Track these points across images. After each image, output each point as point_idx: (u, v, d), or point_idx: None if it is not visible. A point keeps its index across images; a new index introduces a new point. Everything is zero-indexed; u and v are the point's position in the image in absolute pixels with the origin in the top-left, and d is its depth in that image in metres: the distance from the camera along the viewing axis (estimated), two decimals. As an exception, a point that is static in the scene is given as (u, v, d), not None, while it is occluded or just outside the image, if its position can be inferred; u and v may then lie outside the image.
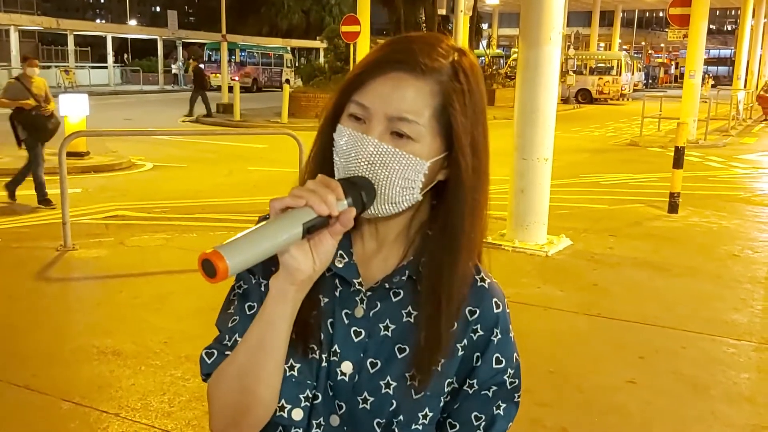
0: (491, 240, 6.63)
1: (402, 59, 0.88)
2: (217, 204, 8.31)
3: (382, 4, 28.56)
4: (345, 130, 0.89)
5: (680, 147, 8.07)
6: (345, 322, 0.94)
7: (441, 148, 0.90)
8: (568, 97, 29.31)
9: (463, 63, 0.91)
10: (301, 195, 0.81)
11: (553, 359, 4.16)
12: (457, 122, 0.89)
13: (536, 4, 6.32)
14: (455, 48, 0.92)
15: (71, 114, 10.58)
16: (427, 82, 0.87)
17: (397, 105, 0.87)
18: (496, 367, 0.96)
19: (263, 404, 0.90)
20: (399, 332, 0.94)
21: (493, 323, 0.96)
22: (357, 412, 0.94)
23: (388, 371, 0.93)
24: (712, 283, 5.73)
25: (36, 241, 6.48)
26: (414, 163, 0.88)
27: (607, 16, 47.50)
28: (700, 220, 8.01)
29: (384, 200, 0.89)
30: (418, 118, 0.87)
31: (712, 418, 3.53)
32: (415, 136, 0.87)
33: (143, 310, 4.83)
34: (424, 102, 0.87)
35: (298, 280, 0.84)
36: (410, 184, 0.89)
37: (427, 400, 0.94)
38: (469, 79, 0.91)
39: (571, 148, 13.93)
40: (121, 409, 3.42)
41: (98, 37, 39.88)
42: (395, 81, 0.87)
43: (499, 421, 0.96)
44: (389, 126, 0.87)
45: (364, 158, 0.87)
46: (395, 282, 0.94)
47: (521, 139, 6.52)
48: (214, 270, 0.73)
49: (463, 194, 0.91)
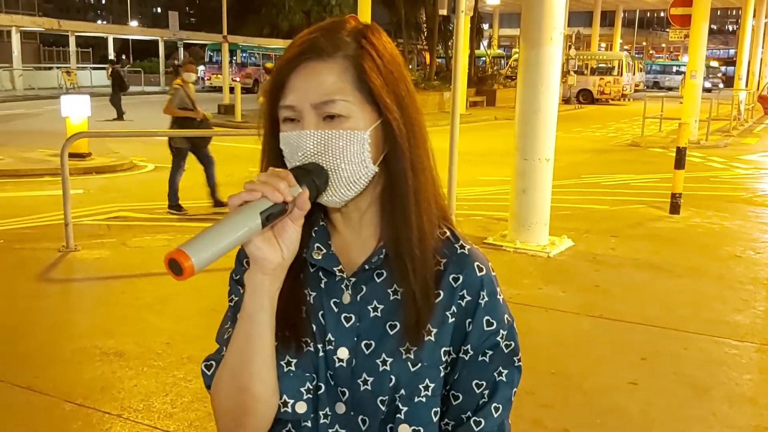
0: (492, 241, 6.63)
1: (306, 50, 0.91)
2: (219, 205, 8.31)
3: (383, 5, 28.59)
4: (283, 135, 0.93)
5: (682, 147, 8.07)
6: (334, 310, 0.97)
7: (375, 116, 0.92)
8: (569, 98, 29.29)
9: (365, 33, 0.94)
10: (254, 187, 0.83)
11: (555, 360, 4.16)
12: (374, 84, 0.91)
13: (537, 5, 6.32)
14: (357, 26, 0.95)
15: (73, 115, 10.60)
16: (336, 61, 0.91)
17: (317, 91, 0.90)
18: (487, 329, 0.96)
19: (261, 401, 0.92)
20: (387, 310, 0.96)
21: (479, 287, 0.97)
22: (360, 395, 0.95)
23: (383, 349, 0.95)
24: (714, 284, 5.73)
25: (38, 242, 6.49)
26: (353, 136, 0.90)
27: (608, 16, 47.50)
28: (702, 220, 8.01)
29: (343, 183, 0.91)
30: (342, 95, 0.90)
31: (714, 420, 3.53)
32: (346, 113, 0.90)
33: (145, 311, 4.84)
34: (341, 79, 0.90)
35: (268, 269, 0.87)
36: (359, 158, 0.91)
37: (426, 371, 0.95)
38: (375, 44, 0.93)
39: (572, 148, 13.93)
40: (123, 410, 3.43)
41: (99, 38, 39.91)
42: (307, 71, 0.91)
43: (502, 387, 0.96)
44: (319, 113, 0.90)
45: (309, 152, 0.90)
46: (374, 262, 0.96)
47: (522, 139, 6.52)
48: (180, 268, 0.76)
49: (401, 151, 0.93)
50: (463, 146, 6.92)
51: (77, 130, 9.90)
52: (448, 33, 28.41)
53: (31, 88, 30.23)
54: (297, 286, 0.95)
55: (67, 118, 10.68)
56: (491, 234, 6.88)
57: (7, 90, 29.05)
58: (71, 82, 31.73)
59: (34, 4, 59.27)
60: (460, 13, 6.70)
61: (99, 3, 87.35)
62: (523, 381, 1.00)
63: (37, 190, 9.28)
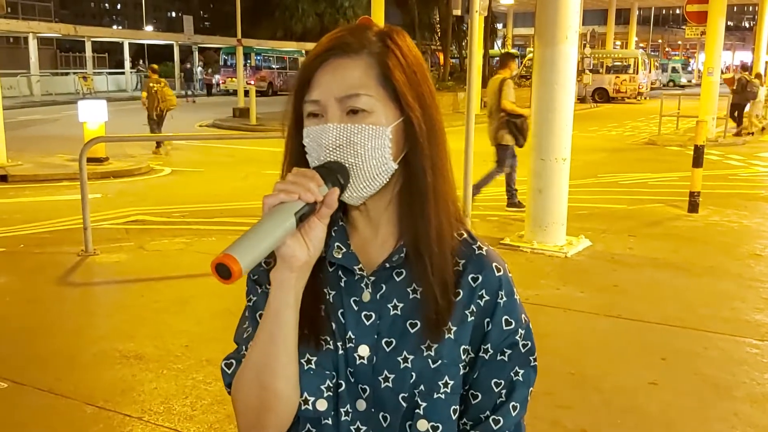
0: (509, 241, 6.61)
1: (333, 46, 0.94)
2: (235, 208, 8.35)
3: (396, 6, 28.60)
4: (307, 130, 0.95)
5: (700, 145, 8.00)
6: (354, 308, 0.98)
7: (397, 114, 0.94)
8: (584, 96, 29.14)
9: (391, 34, 0.97)
10: (288, 188, 0.86)
11: (573, 361, 4.14)
12: (398, 81, 0.93)
13: (552, 3, 6.28)
14: (384, 29, 0.98)
15: (90, 120, 10.71)
16: (362, 58, 0.93)
17: (341, 85, 0.92)
18: (506, 329, 0.98)
19: (283, 399, 0.93)
20: (408, 309, 0.97)
21: (497, 286, 0.99)
22: (381, 392, 0.96)
23: (404, 347, 0.96)
24: (733, 283, 5.67)
25: (57, 246, 6.56)
26: (375, 131, 0.92)
27: (623, 14, 47.23)
28: (721, 219, 7.93)
29: (362, 178, 0.93)
30: (366, 90, 0.92)
31: (736, 419, 3.49)
32: (369, 108, 0.92)
33: (164, 314, 4.87)
34: (366, 74, 0.93)
35: (295, 266, 0.89)
36: (380, 154, 0.93)
37: (445, 367, 0.96)
38: (399, 44, 0.96)
39: (588, 147, 13.85)
40: (144, 413, 3.45)
41: (115, 43, 40.25)
42: (333, 67, 0.93)
43: (519, 387, 0.98)
44: (342, 107, 0.92)
45: (330, 146, 0.92)
46: (395, 261, 0.97)
47: (538, 139, 6.49)
48: (228, 272, 0.79)
49: (421, 149, 0.95)
50: (478, 146, 6.89)
51: (94, 135, 10.01)
52: (462, 33, 28.39)
53: (49, 94, 30.58)
54: (316, 284, 0.97)
55: (84, 123, 10.79)
56: (508, 234, 6.85)
57: (25, 96, 29.38)
58: (88, 87, 32.05)
59: (50, 10, 59.93)
60: (474, 12, 6.69)
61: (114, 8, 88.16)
62: (541, 381, 1.01)
63: (56, 195, 9.38)
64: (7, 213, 8.15)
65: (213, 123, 20.07)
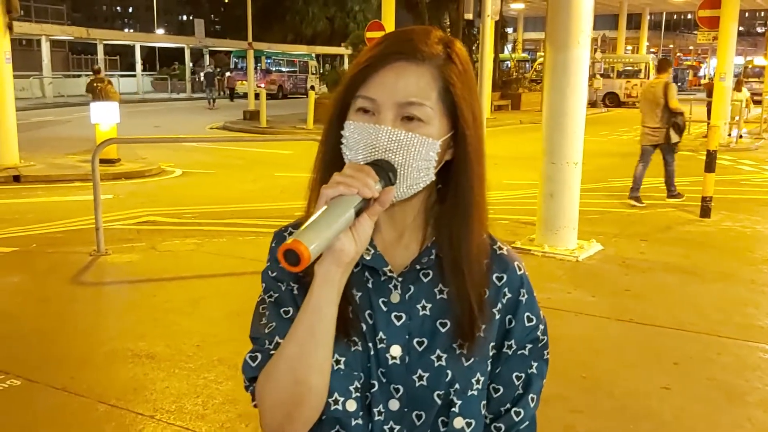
0: (520, 245, 6.59)
1: (401, 50, 0.94)
2: (246, 209, 8.38)
3: (406, 10, 28.62)
4: (355, 125, 0.94)
5: (712, 150, 7.96)
6: (384, 309, 0.99)
7: (448, 128, 0.95)
8: (595, 101, 29.08)
9: (455, 48, 0.98)
10: (348, 182, 0.86)
11: (586, 365, 4.13)
12: (459, 99, 0.95)
13: (564, 8, 6.28)
14: (444, 36, 0.99)
15: (102, 122, 10.78)
16: (427, 68, 0.93)
17: (404, 91, 0.92)
18: (528, 325, 1.02)
19: (317, 393, 0.93)
20: (436, 309, 0.99)
21: (519, 284, 1.03)
22: (416, 391, 0.98)
23: (436, 346, 0.98)
24: (746, 288, 5.63)
25: (70, 246, 6.59)
26: (428, 143, 0.93)
27: (634, 18, 47.02)
28: (734, 224, 7.89)
29: (403, 183, 0.93)
30: (426, 100, 0.93)
31: (750, 425, 3.47)
32: (426, 119, 0.93)
33: (176, 314, 4.89)
34: (429, 85, 0.93)
35: (343, 262, 0.89)
36: (426, 165, 0.94)
37: (477, 365, 0.99)
38: (462, 61, 0.97)
39: (599, 151, 13.81)
40: (156, 412, 3.46)
41: (127, 46, 40.45)
42: (398, 70, 0.93)
43: (534, 380, 1.03)
44: (399, 112, 0.92)
45: (380, 147, 0.92)
46: (424, 263, 0.99)
47: (550, 143, 6.48)
48: (297, 258, 0.80)
49: (471, 166, 0.97)
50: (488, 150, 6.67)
51: (107, 136, 10.08)
52: (473, 37, 28.38)
53: (61, 96, 30.77)
54: (344, 285, 0.96)
55: (96, 124, 10.87)
56: (519, 238, 6.84)
57: (37, 98, 29.58)
58: (100, 89, 32.16)
59: (62, 13, 60.33)
60: (486, 16, 6.70)
61: (126, 11, 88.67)
62: (554, 386, 1.02)
63: (68, 195, 9.43)
64: (20, 213, 8.20)
65: (224, 125, 20.15)
